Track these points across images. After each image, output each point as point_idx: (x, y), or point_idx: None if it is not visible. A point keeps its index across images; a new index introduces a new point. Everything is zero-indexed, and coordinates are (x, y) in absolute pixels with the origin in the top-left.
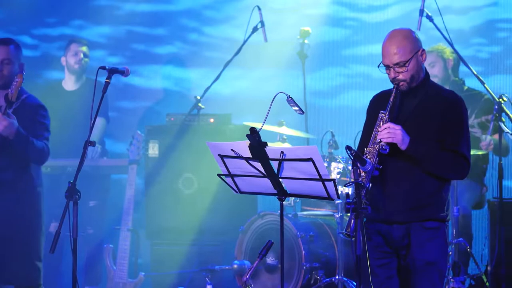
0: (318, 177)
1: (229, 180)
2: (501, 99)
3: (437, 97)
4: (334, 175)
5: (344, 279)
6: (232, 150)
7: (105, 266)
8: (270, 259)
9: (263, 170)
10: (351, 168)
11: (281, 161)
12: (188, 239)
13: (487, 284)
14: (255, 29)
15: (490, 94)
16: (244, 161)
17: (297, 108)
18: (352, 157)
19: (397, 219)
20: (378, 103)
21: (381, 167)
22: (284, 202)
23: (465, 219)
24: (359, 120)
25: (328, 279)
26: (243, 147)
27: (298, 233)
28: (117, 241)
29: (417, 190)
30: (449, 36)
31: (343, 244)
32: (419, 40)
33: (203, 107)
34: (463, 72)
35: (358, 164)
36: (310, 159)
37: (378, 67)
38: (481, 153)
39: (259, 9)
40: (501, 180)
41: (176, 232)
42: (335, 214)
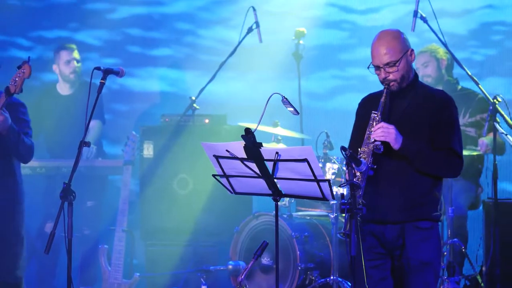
0: (313, 178)
1: (224, 180)
2: (495, 100)
3: (427, 96)
4: (329, 176)
5: (339, 279)
6: (227, 150)
7: (100, 267)
8: (265, 260)
9: (258, 171)
10: (345, 168)
11: (276, 161)
12: (183, 239)
13: (482, 285)
14: (250, 30)
15: (485, 95)
16: (239, 162)
17: (292, 109)
18: (347, 158)
19: (390, 219)
20: (367, 105)
21: (375, 166)
22: (279, 203)
23: (461, 220)
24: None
25: (323, 280)
26: (238, 147)
27: (293, 234)
28: (112, 241)
29: (410, 189)
30: (443, 37)
31: (338, 244)
32: (407, 40)
33: (198, 107)
34: (457, 75)
35: (353, 165)
36: (305, 160)
37: (368, 68)
38: (476, 153)
39: (254, 10)
40: (496, 180)
41: (171, 233)
42: (330, 215)
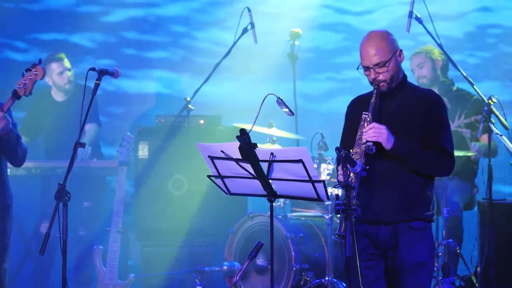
0: (308, 179)
1: (219, 181)
2: (490, 101)
3: (416, 96)
4: (324, 177)
5: (334, 280)
6: (222, 151)
7: (95, 268)
8: (260, 261)
9: (253, 172)
10: (336, 169)
11: (271, 162)
12: (178, 240)
13: (477, 285)
14: (245, 30)
15: (480, 96)
16: (234, 163)
17: (287, 110)
18: (342, 159)
19: (384, 220)
20: (356, 107)
21: (368, 167)
22: (274, 204)
23: (456, 220)
24: None
25: (318, 280)
26: (233, 148)
27: (288, 235)
28: (107, 242)
29: (403, 189)
30: (439, 38)
31: (333, 245)
32: (396, 40)
33: (193, 108)
34: (452, 76)
35: (348, 166)
36: (300, 161)
37: (357, 69)
38: (471, 154)
39: (249, 10)
40: (491, 181)
41: (166, 234)
42: (325, 216)
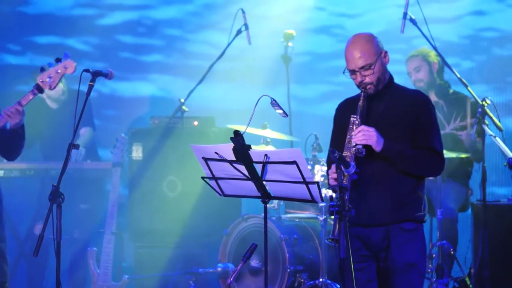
0: (302, 180)
1: (213, 183)
2: (484, 102)
3: (403, 97)
4: (318, 178)
5: (328, 281)
6: (216, 153)
7: (89, 269)
8: (254, 262)
9: (247, 173)
10: (327, 173)
11: (265, 164)
12: (172, 242)
13: (471, 287)
14: (239, 32)
15: (474, 97)
16: (228, 164)
17: (281, 111)
18: (336, 160)
19: (375, 222)
20: (344, 110)
21: (359, 170)
22: (268, 205)
23: (451, 222)
24: None
25: (312, 282)
26: (227, 150)
27: (282, 236)
28: (101, 244)
29: (394, 190)
30: (433, 40)
31: (327, 247)
32: (381, 42)
33: (186, 110)
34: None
35: (342, 167)
36: (294, 162)
37: (343, 72)
38: (465, 155)
39: (243, 12)
40: (485, 183)
41: (160, 235)
42: (319, 217)
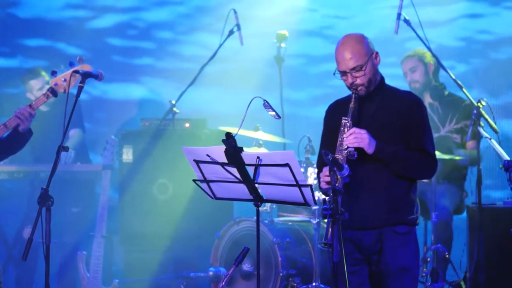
0: (295, 183)
1: (204, 186)
2: (479, 104)
3: (394, 98)
4: (311, 181)
5: (321, 286)
6: (208, 155)
7: (78, 273)
8: (246, 266)
9: (239, 176)
10: (318, 176)
11: (257, 166)
12: (163, 245)
13: None
14: (231, 32)
15: (469, 99)
16: (219, 167)
17: (273, 113)
18: (329, 163)
19: (368, 225)
20: (334, 112)
21: (351, 173)
22: (260, 208)
23: (446, 225)
24: None
25: (305, 286)
26: (219, 152)
27: (275, 240)
28: (91, 247)
29: (386, 193)
30: (427, 41)
31: (320, 250)
32: (371, 43)
33: (178, 111)
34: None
35: (335, 170)
36: (287, 165)
37: (334, 74)
38: (458, 158)
39: (235, 12)
40: (480, 185)
41: (151, 238)
42: (312, 220)
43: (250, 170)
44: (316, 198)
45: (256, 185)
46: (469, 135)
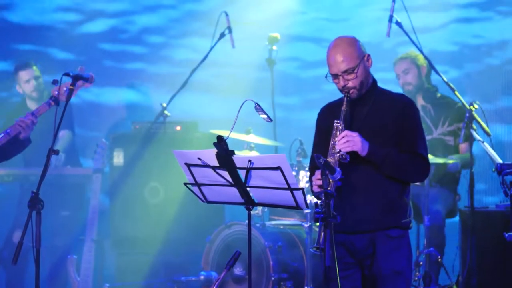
0: (287, 186)
1: (195, 189)
2: (472, 106)
3: (387, 101)
4: (302, 184)
5: None
6: (199, 158)
7: (69, 278)
8: (238, 270)
9: (230, 179)
10: (310, 179)
11: (248, 169)
12: (154, 249)
13: None
14: (222, 35)
15: (461, 101)
16: (211, 170)
17: (265, 116)
18: (321, 166)
19: (360, 229)
20: (327, 114)
21: (343, 177)
22: (252, 212)
23: (438, 229)
24: None
25: None
26: (210, 155)
27: (266, 243)
28: (82, 251)
29: (379, 196)
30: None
31: (312, 254)
32: (363, 46)
33: (169, 114)
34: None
35: (327, 173)
36: (279, 168)
37: (325, 77)
38: (452, 161)
39: (227, 15)
40: (473, 189)
41: (142, 242)
42: (303, 224)
43: (242, 174)
44: (308, 202)
45: (248, 188)
46: (461, 137)
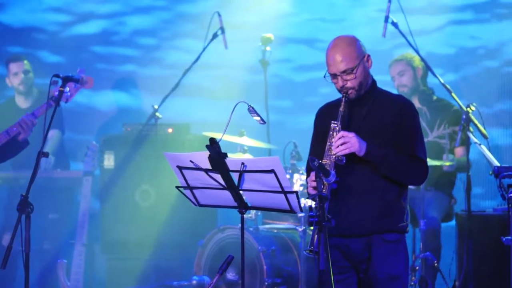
0: (280, 189)
1: (187, 192)
2: (468, 109)
3: (386, 102)
4: (296, 187)
5: None
6: (191, 161)
7: (59, 282)
8: (231, 275)
9: (223, 182)
10: (306, 181)
11: (241, 172)
12: (145, 253)
13: None
14: (215, 35)
15: (458, 104)
16: (203, 173)
17: (258, 118)
18: (316, 169)
19: (356, 232)
20: (324, 115)
21: (339, 179)
22: (245, 215)
23: (434, 233)
24: None
25: None
26: (203, 158)
27: (260, 248)
28: (72, 256)
29: (376, 199)
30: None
31: (306, 258)
32: (363, 46)
33: (160, 116)
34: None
35: (321, 176)
36: (272, 171)
37: (324, 77)
38: (448, 163)
39: (219, 15)
40: (469, 192)
41: (133, 246)
42: (297, 228)
43: (235, 177)
44: (302, 205)
45: (241, 191)
46: (458, 140)
